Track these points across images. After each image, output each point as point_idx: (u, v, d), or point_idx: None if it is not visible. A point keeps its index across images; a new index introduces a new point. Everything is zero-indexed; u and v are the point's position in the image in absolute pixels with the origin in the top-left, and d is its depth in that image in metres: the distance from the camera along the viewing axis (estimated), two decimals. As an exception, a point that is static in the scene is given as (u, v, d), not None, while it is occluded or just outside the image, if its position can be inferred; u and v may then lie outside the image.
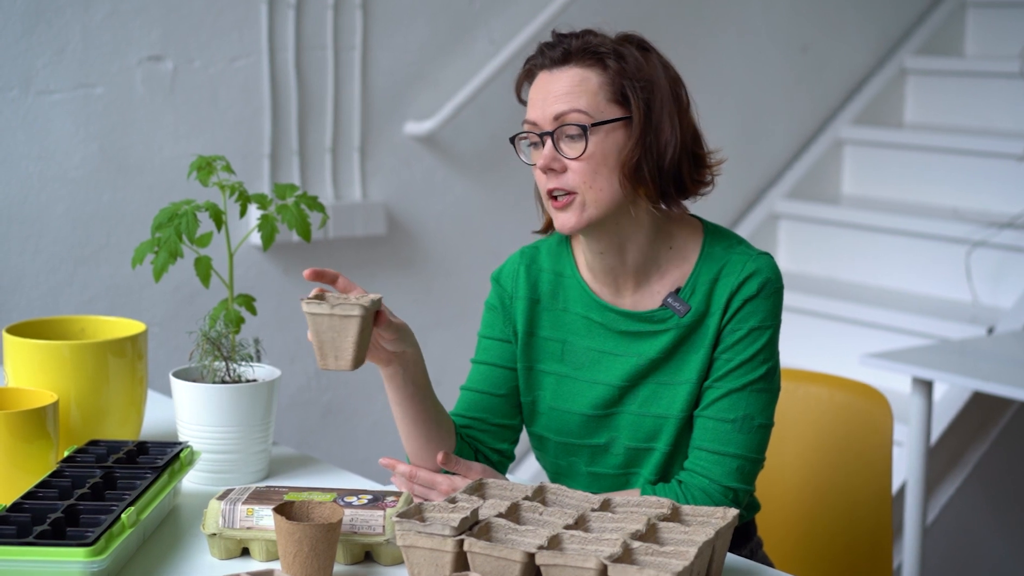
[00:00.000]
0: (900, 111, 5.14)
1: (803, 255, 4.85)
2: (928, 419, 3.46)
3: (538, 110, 2.11)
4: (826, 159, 5.00)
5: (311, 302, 1.95)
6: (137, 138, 3.60)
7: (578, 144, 2.08)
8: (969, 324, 4.10)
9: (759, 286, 2.14)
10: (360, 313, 1.95)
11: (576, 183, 2.08)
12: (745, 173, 4.90)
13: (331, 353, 1.97)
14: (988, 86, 4.89)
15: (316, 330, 1.96)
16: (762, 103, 4.92)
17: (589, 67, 2.10)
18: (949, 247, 4.43)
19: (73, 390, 2.26)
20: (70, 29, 3.46)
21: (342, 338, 1.96)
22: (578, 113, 2.08)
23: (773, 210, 4.90)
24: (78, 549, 1.73)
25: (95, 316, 2.49)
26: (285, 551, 1.79)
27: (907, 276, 4.59)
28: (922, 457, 3.46)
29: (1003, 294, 4.30)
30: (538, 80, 2.13)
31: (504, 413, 2.27)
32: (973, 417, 3.98)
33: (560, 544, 1.75)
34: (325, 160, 3.92)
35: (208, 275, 2.30)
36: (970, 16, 5.21)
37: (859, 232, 4.72)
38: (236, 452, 2.25)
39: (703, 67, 4.64)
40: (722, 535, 1.82)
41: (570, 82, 2.09)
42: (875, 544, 2.67)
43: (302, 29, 3.84)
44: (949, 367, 3.43)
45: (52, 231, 3.49)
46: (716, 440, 2.12)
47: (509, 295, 2.26)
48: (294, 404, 3.92)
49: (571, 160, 2.08)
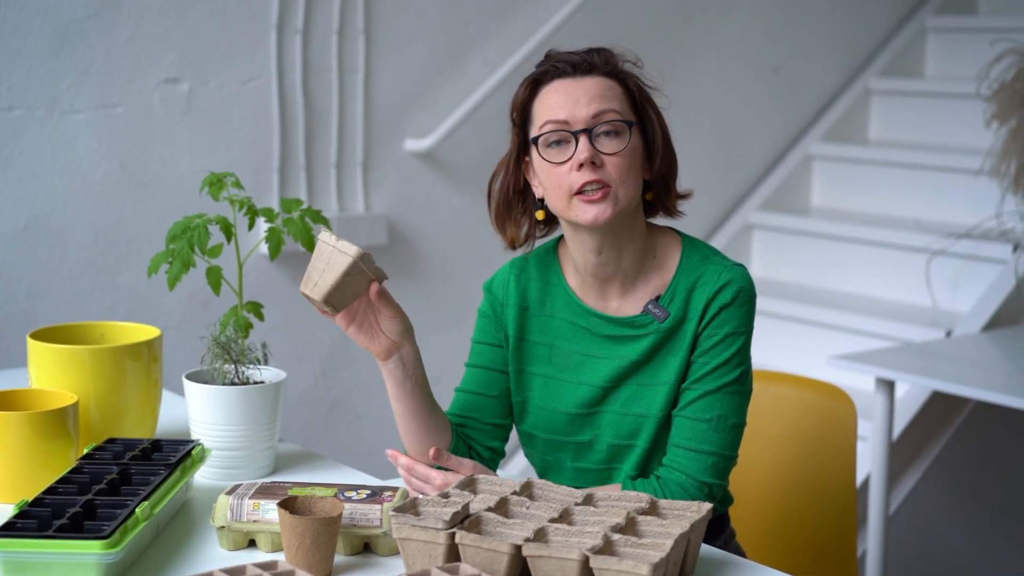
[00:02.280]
0: (865, 129, 5.14)
1: (775, 263, 4.85)
2: (890, 416, 3.46)
3: (569, 110, 2.08)
4: (797, 173, 5.00)
5: (328, 234, 1.97)
6: (155, 155, 3.58)
7: (617, 141, 2.08)
8: (929, 327, 4.10)
9: (733, 295, 2.13)
10: (354, 254, 1.96)
11: (613, 177, 2.07)
12: (721, 186, 4.90)
13: (314, 279, 1.98)
14: (947, 106, 4.89)
15: (315, 256, 1.98)
16: (737, 120, 4.91)
17: (612, 79, 2.12)
18: (910, 256, 4.42)
19: (92, 391, 2.25)
20: (93, 52, 3.45)
21: (330, 270, 1.97)
22: (615, 114, 2.09)
23: (747, 221, 4.90)
24: (95, 542, 1.73)
25: (114, 322, 2.49)
26: (289, 543, 1.79)
27: (871, 283, 4.58)
28: (885, 451, 3.46)
29: (961, 299, 4.29)
30: (555, 85, 2.12)
31: (496, 413, 2.26)
32: (932, 414, 3.98)
33: (545, 536, 1.75)
34: (330, 175, 3.91)
35: (219, 284, 2.30)
36: (930, 40, 5.22)
37: (827, 241, 4.72)
38: (244, 449, 2.24)
39: (683, 86, 4.64)
40: (696, 528, 1.82)
41: (601, 87, 2.10)
42: (841, 533, 2.67)
43: (308, 53, 3.83)
44: (910, 368, 3.43)
45: (76, 241, 3.48)
46: (693, 438, 2.11)
47: (500, 303, 2.25)
48: (302, 402, 3.91)
49: (610, 155, 2.07)
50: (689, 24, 4.69)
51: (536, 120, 2.13)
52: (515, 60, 4.13)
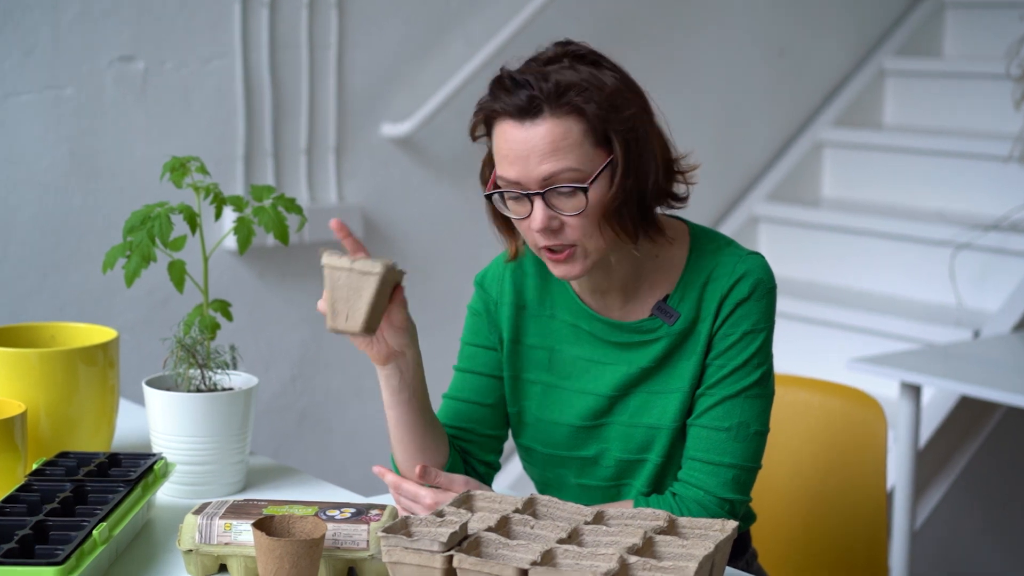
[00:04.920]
0: (879, 113, 5.17)
1: (784, 258, 4.85)
2: (916, 423, 3.48)
3: (519, 169, 1.97)
4: (806, 161, 5.03)
5: (332, 253, 1.90)
6: (108, 141, 3.57)
7: (574, 201, 1.97)
8: (954, 327, 4.12)
9: (751, 288, 2.08)
10: (380, 271, 1.89)
11: (576, 237, 1.99)
12: (725, 176, 4.92)
13: (343, 312, 1.91)
14: (968, 87, 4.92)
15: (332, 286, 1.90)
16: (742, 106, 4.93)
17: (566, 116, 1.97)
18: (933, 250, 4.45)
19: (42, 400, 2.24)
20: (39, 29, 3.43)
21: (357, 296, 1.90)
22: (571, 172, 1.96)
23: (753, 213, 4.92)
24: (47, 568, 1.70)
25: (65, 323, 2.47)
26: (265, 568, 1.76)
27: (890, 279, 4.60)
28: (910, 461, 3.48)
29: (988, 297, 4.31)
30: (507, 133, 1.98)
31: (492, 424, 2.21)
32: (961, 421, 4.00)
33: (554, 559, 1.71)
34: (300, 162, 3.90)
35: (182, 279, 2.28)
36: (949, 16, 5.25)
37: (840, 235, 4.74)
38: (212, 463, 2.22)
39: (682, 69, 4.66)
40: (721, 548, 1.78)
41: (551, 137, 1.96)
42: (870, 552, 2.68)
43: (276, 28, 3.82)
44: (936, 371, 3.44)
45: (20, 236, 3.46)
46: (710, 449, 2.07)
47: (494, 301, 2.21)
48: (269, 410, 3.90)
49: (568, 217, 1.98)
50: (688, 2, 4.69)
51: (495, 160, 2.02)
52: (500, 39, 4.13)
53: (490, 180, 2.05)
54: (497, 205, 2.03)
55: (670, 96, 2.12)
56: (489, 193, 2.03)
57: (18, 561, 1.71)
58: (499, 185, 2.01)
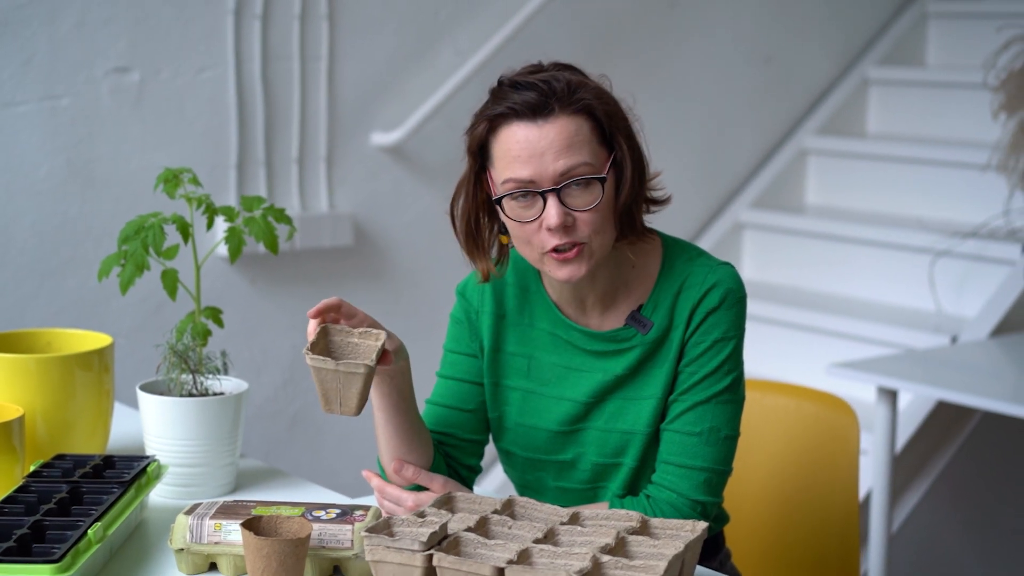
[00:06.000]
0: (863, 121, 5.15)
1: (768, 264, 4.86)
2: (893, 428, 3.47)
3: (534, 168, 2.00)
4: (790, 169, 5.01)
5: (316, 357, 1.93)
6: (104, 150, 3.57)
7: (589, 195, 2.02)
8: (933, 333, 4.11)
9: (721, 297, 2.12)
10: (364, 372, 1.93)
11: (586, 234, 2.03)
12: (710, 183, 4.91)
13: (335, 400, 1.95)
14: (950, 96, 4.91)
15: (321, 380, 1.94)
16: (727, 113, 4.92)
17: (576, 114, 2.02)
18: (913, 256, 4.44)
19: (39, 404, 2.24)
20: (36, 40, 3.44)
21: (347, 389, 1.94)
22: (586, 166, 2.01)
23: (738, 220, 4.91)
24: (45, 566, 1.72)
25: (62, 329, 2.48)
26: (253, 566, 1.78)
27: (871, 285, 4.59)
28: (887, 465, 3.47)
29: (967, 303, 4.30)
30: (517, 133, 2.02)
31: (473, 428, 2.25)
32: (938, 426, 3.99)
33: (530, 558, 1.74)
34: (291, 171, 3.91)
35: (175, 287, 2.30)
36: (931, 26, 5.23)
37: (823, 241, 4.73)
38: (203, 466, 2.24)
39: (668, 77, 4.64)
40: (691, 548, 1.82)
41: (566, 133, 2.01)
42: (843, 554, 2.67)
43: (268, 40, 3.82)
44: (914, 376, 3.45)
45: (18, 244, 3.47)
46: (683, 453, 2.11)
47: (475, 310, 2.24)
48: (261, 415, 3.90)
49: (582, 212, 2.02)
50: (674, 9, 4.69)
51: (498, 167, 2.05)
52: (489, 48, 4.13)
53: (490, 189, 2.08)
54: (504, 210, 2.06)
55: (656, 103, 2.17)
56: (499, 197, 2.05)
57: (16, 559, 1.72)
58: (503, 191, 2.04)
